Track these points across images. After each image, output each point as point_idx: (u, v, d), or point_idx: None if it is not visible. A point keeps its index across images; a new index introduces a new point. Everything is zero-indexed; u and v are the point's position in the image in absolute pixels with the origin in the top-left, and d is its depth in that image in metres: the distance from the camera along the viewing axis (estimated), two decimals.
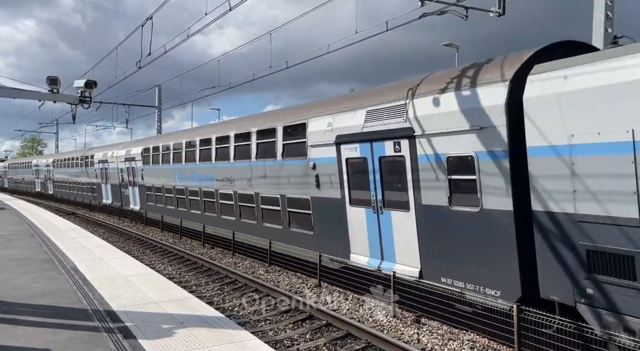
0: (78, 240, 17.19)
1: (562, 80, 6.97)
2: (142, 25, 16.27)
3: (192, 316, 8.10)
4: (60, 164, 44.01)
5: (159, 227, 23.80)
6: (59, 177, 44.67)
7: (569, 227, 7.02)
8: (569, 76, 6.91)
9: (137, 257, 15.78)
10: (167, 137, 24.13)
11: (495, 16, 10.79)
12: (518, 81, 7.71)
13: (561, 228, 7.14)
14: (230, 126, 17.61)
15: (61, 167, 43.65)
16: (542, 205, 7.34)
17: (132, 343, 6.71)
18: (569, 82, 6.88)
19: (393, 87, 10.74)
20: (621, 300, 6.51)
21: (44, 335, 6.96)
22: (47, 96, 10.86)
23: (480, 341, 8.44)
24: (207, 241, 19.05)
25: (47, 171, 48.57)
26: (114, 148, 30.41)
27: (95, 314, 8.03)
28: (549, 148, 7.14)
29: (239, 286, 12.73)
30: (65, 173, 42.31)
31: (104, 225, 26.58)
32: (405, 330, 9.15)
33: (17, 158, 66.67)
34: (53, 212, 32.20)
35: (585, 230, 6.84)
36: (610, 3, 11.12)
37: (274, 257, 14.82)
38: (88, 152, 36.79)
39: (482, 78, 8.37)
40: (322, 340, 8.75)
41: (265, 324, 9.76)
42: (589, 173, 6.71)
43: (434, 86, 9.37)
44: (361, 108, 11.10)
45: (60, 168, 43.99)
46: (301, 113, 13.33)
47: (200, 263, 15.58)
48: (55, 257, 13.35)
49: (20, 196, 53.00)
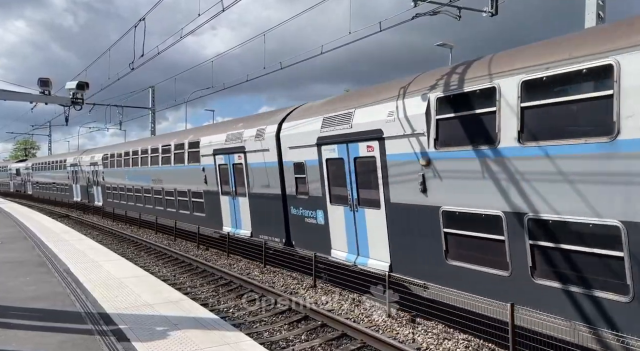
0: (71, 242, 17.08)
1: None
2: (134, 26, 16.21)
3: (186, 318, 8.06)
4: (122, 161, 27.61)
5: (153, 228, 23.74)
6: (117, 182, 29.01)
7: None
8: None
9: (131, 259, 15.70)
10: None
11: (488, 16, 10.85)
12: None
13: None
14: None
15: (122, 165, 27.55)
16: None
17: (126, 345, 6.67)
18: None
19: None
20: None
21: (36, 338, 6.90)
22: (39, 98, 10.78)
23: (475, 340, 8.45)
24: (202, 242, 19.02)
25: (93, 172, 32.76)
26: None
27: (89, 317, 7.97)
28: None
29: (233, 288, 12.69)
30: (137, 176, 25.86)
31: (97, 227, 26.44)
32: (401, 330, 9.15)
33: (45, 157, 53.75)
34: (47, 214, 31.99)
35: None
36: (602, 2, 11.18)
37: (269, 257, 14.91)
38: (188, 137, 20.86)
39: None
40: (317, 341, 8.73)
41: (260, 325, 9.73)
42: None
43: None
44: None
45: (121, 167, 27.68)
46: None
47: (195, 265, 15.53)
48: (49, 260, 13.25)
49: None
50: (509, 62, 7.77)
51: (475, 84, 8.14)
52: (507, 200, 7.62)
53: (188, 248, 19.08)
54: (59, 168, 41.28)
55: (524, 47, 8.07)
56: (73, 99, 10.42)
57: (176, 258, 16.86)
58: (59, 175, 41.85)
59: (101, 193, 32.17)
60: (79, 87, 10.39)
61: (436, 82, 9.04)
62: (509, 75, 7.56)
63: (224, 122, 20.45)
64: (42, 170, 47.15)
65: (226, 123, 18.92)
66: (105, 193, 31.27)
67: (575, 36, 7.34)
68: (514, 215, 7.54)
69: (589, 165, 6.52)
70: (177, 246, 19.71)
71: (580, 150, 6.62)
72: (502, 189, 7.69)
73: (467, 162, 8.24)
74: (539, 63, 7.18)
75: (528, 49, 7.85)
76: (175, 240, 21.10)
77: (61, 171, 40.79)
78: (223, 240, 17.48)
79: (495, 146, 7.75)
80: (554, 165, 6.90)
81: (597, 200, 6.42)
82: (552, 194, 6.96)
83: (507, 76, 7.59)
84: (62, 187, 41.51)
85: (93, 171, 32.76)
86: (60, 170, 41.18)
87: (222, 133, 17.09)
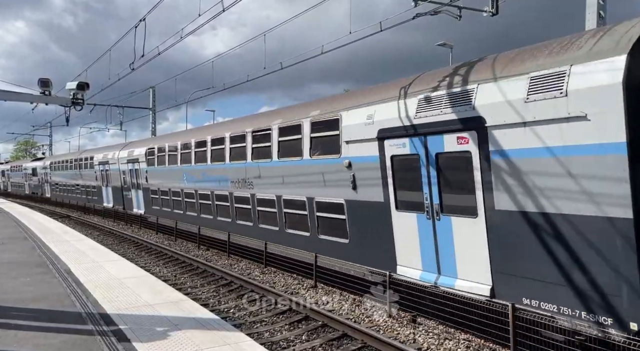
0: (72, 242, 17.08)
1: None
2: (135, 27, 16.21)
3: (187, 318, 8.05)
4: (177, 156, 20.87)
5: (154, 229, 23.73)
6: (169, 185, 22.14)
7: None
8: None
9: (131, 260, 15.69)
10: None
11: (488, 16, 10.83)
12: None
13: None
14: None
15: (178, 161, 20.77)
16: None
17: (126, 346, 6.66)
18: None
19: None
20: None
21: (36, 339, 6.89)
22: (40, 98, 10.77)
23: (476, 340, 8.43)
24: (203, 243, 18.99)
25: (131, 172, 26.40)
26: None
27: (89, 317, 7.96)
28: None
29: (234, 288, 12.68)
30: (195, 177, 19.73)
31: (98, 227, 26.44)
32: (402, 330, 9.14)
33: (67, 154, 44.85)
34: (47, 214, 32.00)
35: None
36: (602, 2, 11.16)
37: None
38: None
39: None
40: (318, 341, 8.72)
41: (261, 325, 9.72)
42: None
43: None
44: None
45: (177, 165, 20.90)
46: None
47: (195, 265, 15.52)
48: (49, 260, 13.25)
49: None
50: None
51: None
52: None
53: (189, 249, 19.08)
54: (85, 167, 34.59)
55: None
56: (73, 100, 10.42)
57: (177, 259, 16.85)
58: (85, 174, 34.82)
59: (142, 198, 25.40)
60: (79, 88, 10.38)
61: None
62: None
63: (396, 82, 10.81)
64: (63, 169, 39.66)
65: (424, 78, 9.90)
66: (150, 198, 24.42)
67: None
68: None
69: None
70: (177, 246, 19.71)
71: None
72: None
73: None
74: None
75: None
76: (175, 240, 21.09)
77: (87, 170, 34.28)
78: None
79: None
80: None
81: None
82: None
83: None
84: (87, 190, 35.09)
85: (131, 170, 26.29)
86: (86, 169, 34.42)
87: (392, 98, 10.06)
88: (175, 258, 16.95)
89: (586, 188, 6.72)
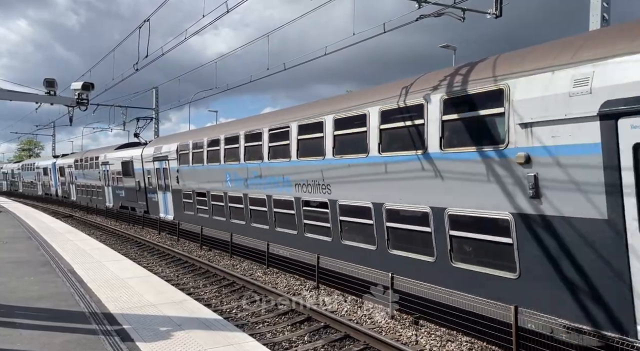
0: (75, 242, 17.13)
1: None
2: (139, 27, 16.25)
3: (189, 318, 8.08)
4: (219, 153, 17.59)
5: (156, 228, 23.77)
6: (206, 187, 19.02)
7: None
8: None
9: (134, 260, 15.73)
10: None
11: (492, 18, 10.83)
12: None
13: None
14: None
15: (220, 159, 17.56)
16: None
17: (130, 345, 6.69)
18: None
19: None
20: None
21: (40, 338, 6.93)
22: (45, 98, 10.83)
23: (478, 343, 8.44)
24: (205, 243, 19.02)
25: (157, 171, 23.48)
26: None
27: (93, 317, 8.00)
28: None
29: (237, 288, 12.70)
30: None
31: (101, 227, 26.51)
32: (404, 331, 9.15)
33: (92, 151, 38.14)
34: (50, 214, 32.10)
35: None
36: (607, 5, 11.16)
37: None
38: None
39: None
40: (320, 342, 8.74)
41: (264, 326, 9.74)
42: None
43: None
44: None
45: (218, 163, 17.66)
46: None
47: (198, 266, 15.55)
48: (53, 260, 13.31)
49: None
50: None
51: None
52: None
53: (191, 249, 19.11)
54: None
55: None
56: (78, 100, 10.48)
57: (179, 259, 16.89)
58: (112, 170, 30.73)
59: (171, 202, 21.94)
60: (84, 88, 10.45)
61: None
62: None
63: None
64: (90, 167, 34.66)
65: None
66: (181, 203, 21.08)
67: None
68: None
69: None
70: (180, 246, 19.75)
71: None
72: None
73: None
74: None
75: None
76: (178, 241, 21.13)
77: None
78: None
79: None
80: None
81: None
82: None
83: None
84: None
85: (157, 169, 22.83)
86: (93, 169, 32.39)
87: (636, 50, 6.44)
88: (178, 258, 16.96)
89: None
